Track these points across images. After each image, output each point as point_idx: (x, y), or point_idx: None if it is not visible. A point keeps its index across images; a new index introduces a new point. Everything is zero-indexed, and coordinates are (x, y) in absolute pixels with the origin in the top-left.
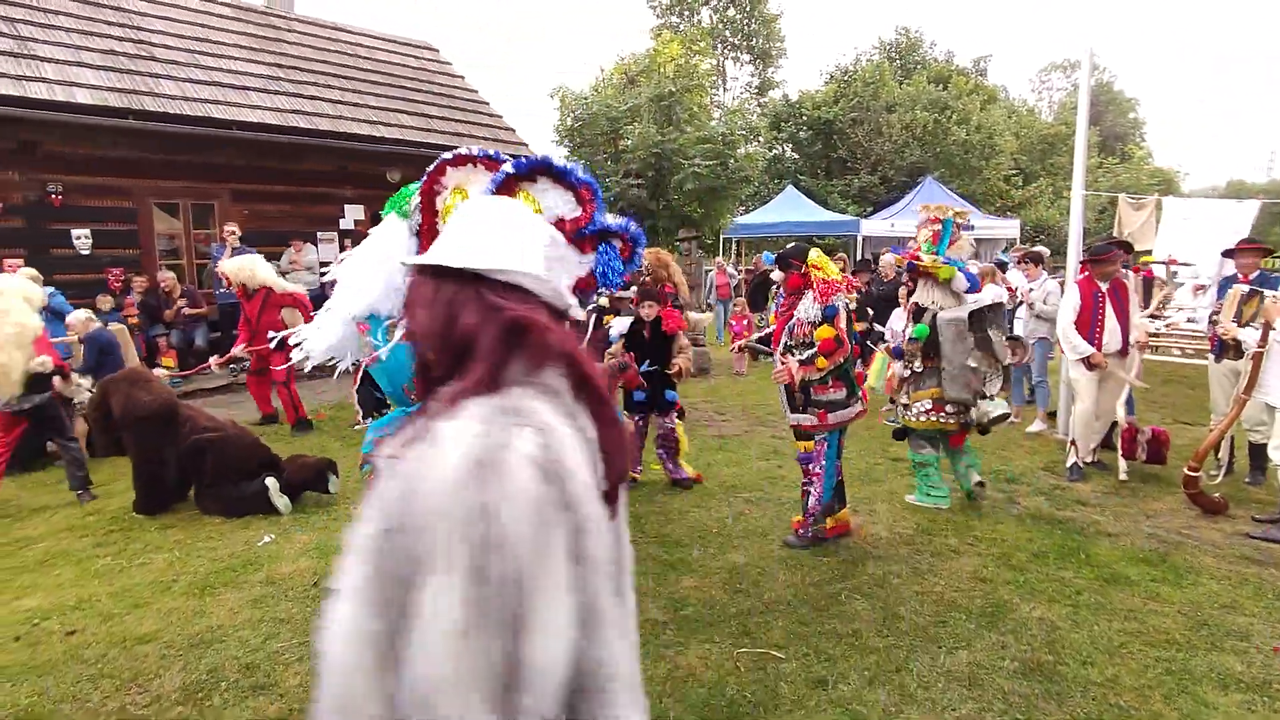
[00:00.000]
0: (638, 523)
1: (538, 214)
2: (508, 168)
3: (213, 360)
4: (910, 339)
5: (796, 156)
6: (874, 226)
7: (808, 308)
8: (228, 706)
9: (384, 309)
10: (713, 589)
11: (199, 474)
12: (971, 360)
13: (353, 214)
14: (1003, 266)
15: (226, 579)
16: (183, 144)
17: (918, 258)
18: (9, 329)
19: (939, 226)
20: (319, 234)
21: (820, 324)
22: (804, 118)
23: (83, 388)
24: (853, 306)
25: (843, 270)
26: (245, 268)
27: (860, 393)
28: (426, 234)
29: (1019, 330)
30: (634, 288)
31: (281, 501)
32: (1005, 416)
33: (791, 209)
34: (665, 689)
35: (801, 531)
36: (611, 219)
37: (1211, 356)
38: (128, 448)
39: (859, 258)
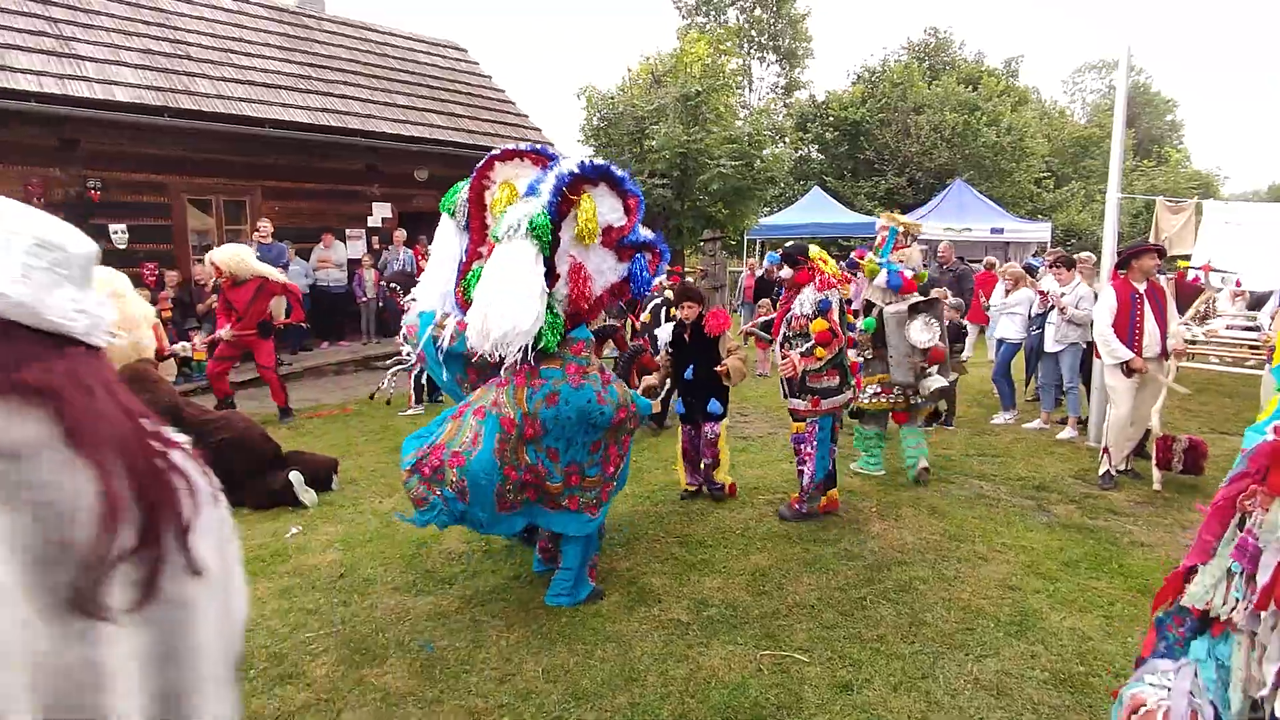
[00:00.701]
0: (660, 522)
1: (594, 216)
2: (573, 166)
3: (197, 340)
4: (860, 330)
5: (822, 157)
6: None
7: (804, 301)
8: (256, 694)
9: (440, 308)
10: (735, 590)
11: (229, 473)
12: (917, 342)
13: (380, 212)
14: (1032, 271)
15: (255, 569)
16: (216, 141)
17: (862, 257)
18: (133, 309)
19: (885, 233)
20: (348, 231)
21: (815, 318)
22: (830, 118)
23: None
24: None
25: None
26: (237, 258)
27: (855, 380)
28: (476, 230)
29: (1049, 335)
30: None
31: (308, 496)
32: (945, 389)
33: (817, 210)
34: (687, 689)
35: (797, 506)
36: (645, 232)
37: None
38: None
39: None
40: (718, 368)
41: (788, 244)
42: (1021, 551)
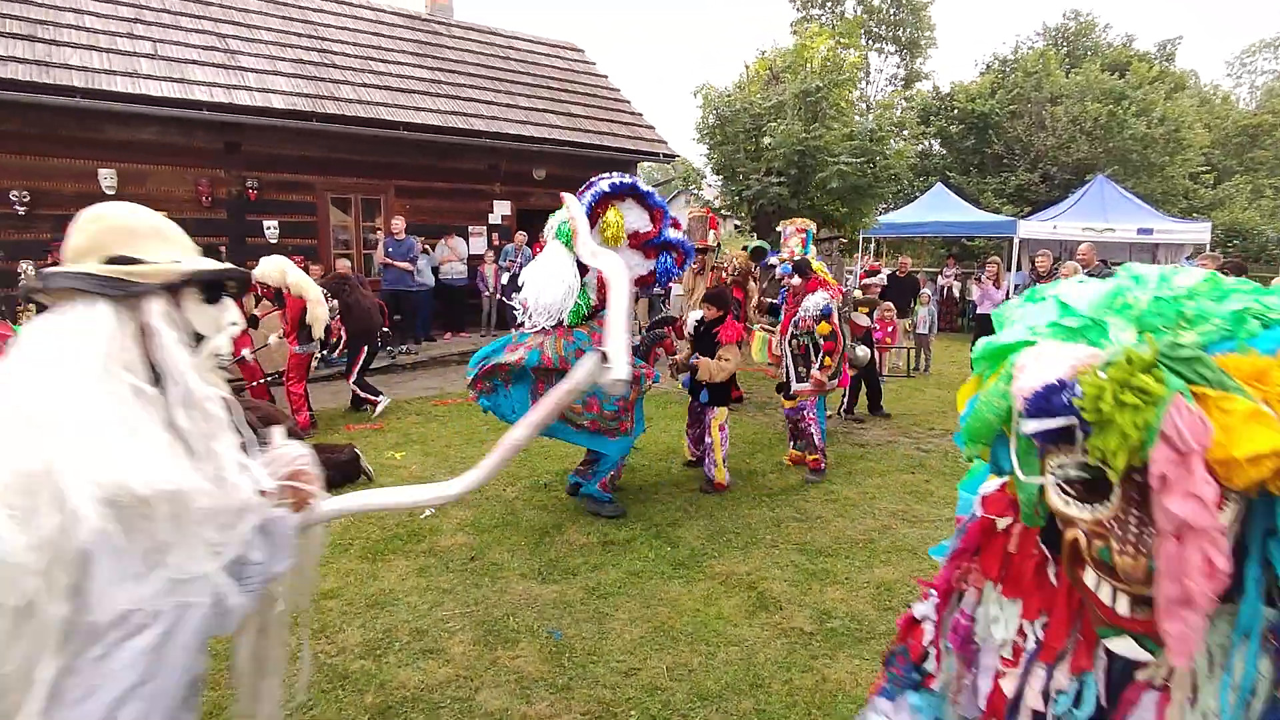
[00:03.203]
0: (778, 527)
1: (620, 224)
2: (605, 186)
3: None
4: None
5: (945, 152)
6: (1033, 228)
7: (811, 305)
8: (402, 665)
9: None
10: (859, 603)
11: None
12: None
13: (501, 209)
14: None
15: (394, 547)
16: (356, 144)
17: (796, 257)
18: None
19: (804, 235)
20: (470, 228)
21: (820, 320)
22: (955, 111)
23: None
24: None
25: (994, 274)
26: (280, 269)
27: (842, 371)
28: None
29: None
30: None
31: (369, 469)
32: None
33: (939, 208)
34: (814, 700)
35: (821, 467)
36: (673, 234)
37: None
38: None
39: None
40: (693, 360)
41: (797, 258)
42: None
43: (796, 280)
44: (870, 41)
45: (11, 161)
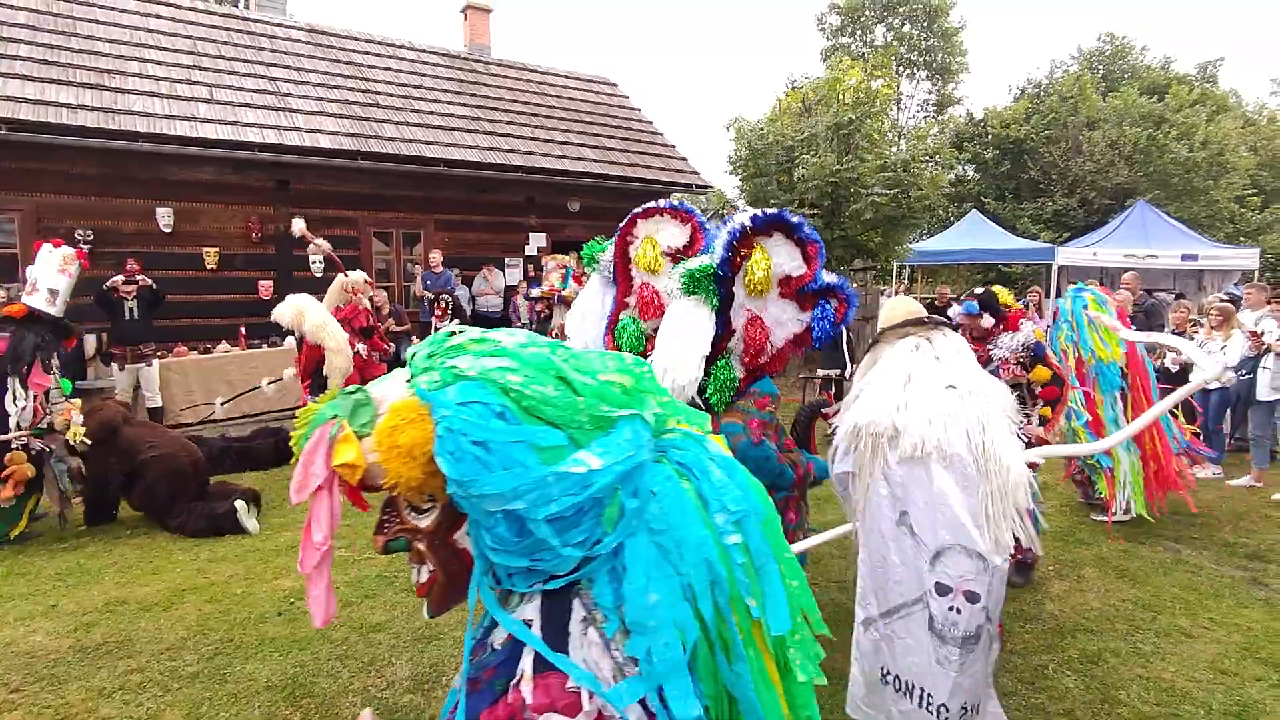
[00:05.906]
0: (816, 564)
1: (768, 268)
2: (745, 220)
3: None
4: None
5: (979, 177)
6: (1072, 255)
7: (1008, 344)
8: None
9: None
10: None
11: (152, 492)
12: None
13: (536, 241)
14: (1235, 303)
15: None
16: (398, 180)
17: (559, 291)
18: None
19: (564, 270)
20: (506, 260)
21: (1033, 365)
22: (989, 136)
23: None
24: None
25: (1036, 303)
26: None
27: None
28: (622, 281)
29: (1263, 383)
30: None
31: (251, 524)
32: None
33: (975, 235)
34: None
35: (1026, 559)
36: (829, 276)
37: None
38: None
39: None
40: None
41: (977, 290)
42: (1234, 630)
43: (987, 321)
44: (901, 68)
45: (79, 203)
